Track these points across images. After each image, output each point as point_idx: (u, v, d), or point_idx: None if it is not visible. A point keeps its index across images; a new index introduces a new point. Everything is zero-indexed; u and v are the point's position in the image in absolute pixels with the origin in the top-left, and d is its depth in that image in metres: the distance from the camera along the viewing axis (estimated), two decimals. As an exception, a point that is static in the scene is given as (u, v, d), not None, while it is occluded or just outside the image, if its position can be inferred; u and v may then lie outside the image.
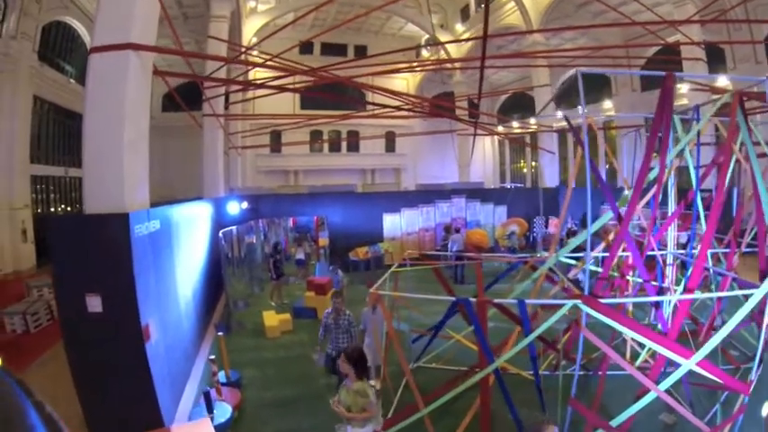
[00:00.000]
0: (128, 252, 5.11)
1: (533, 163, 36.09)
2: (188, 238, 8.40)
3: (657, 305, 6.99)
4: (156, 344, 5.76)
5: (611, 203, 6.28)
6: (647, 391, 4.94)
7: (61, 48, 20.73)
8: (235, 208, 13.41)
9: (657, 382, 4.90)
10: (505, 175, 40.76)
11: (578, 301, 5.16)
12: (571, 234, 17.55)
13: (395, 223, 16.88)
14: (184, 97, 15.91)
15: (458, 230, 15.20)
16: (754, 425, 5.43)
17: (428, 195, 18.05)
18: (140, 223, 5.47)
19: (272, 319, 10.00)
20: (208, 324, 9.96)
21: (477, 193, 19.47)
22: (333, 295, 7.10)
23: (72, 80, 21.30)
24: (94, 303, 5.20)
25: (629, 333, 5.47)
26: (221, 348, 7.38)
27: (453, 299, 5.47)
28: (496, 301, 5.31)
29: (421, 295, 6.09)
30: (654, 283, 7.54)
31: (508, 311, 5.72)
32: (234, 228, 12.40)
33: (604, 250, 9.51)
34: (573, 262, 9.82)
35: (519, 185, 35.46)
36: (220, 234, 10.50)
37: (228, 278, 11.19)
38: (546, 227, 18.81)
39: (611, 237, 10.12)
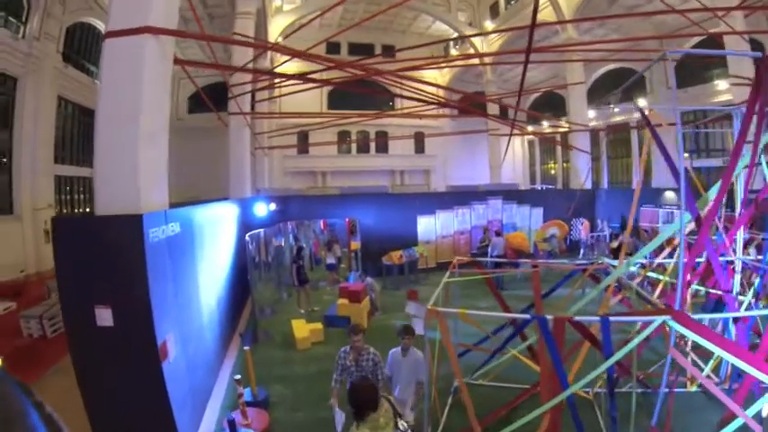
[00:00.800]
0: (141, 259, 4.44)
1: (564, 164, 35.02)
2: (212, 242, 7.75)
3: (736, 319, 6.18)
4: (174, 362, 5.09)
5: (691, 205, 5.43)
6: (732, 415, 4.16)
7: (85, 48, 20.57)
8: (262, 209, 12.79)
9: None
10: (536, 177, 39.69)
11: (667, 317, 4.35)
12: (613, 238, 16.54)
13: (429, 226, 16.05)
14: (211, 98, 15.64)
15: (498, 234, 14.29)
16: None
17: (463, 197, 17.18)
18: (156, 226, 4.80)
19: (302, 329, 9.25)
20: (232, 334, 9.32)
21: (512, 195, 18.54)
22: (349, 331, 5.30)
23: (97, 81, 21.07)
24: (104, 316, 4.56)
25: (724, 354, 4.62)
26: (248, 364, 6.68)
27: (527, 316, 4.64)
28: (577, 318, 4.48)
29: (490, 313, 5.28)
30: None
31: (581, 327, 4.88)
32: (261, 230, 11.76)
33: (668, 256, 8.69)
34: (633, 269, 8.93)
35: (550, 187, 34.39)
36: (247, 237, 9.84)
37: (255, 284, 10.51)
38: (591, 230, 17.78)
39: (676, 241, 9.21)
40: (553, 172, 38.00)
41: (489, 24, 30.93)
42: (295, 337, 9.05)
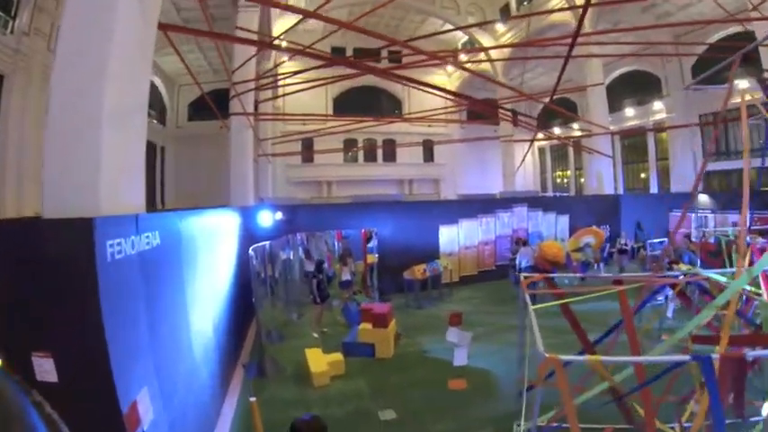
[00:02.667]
0: (90, 284, 2.93)
1: (577, 171, 33.79)
2: (207, 256, 6.24)
3: None
4: (152, 427, 3.60)
5: None
6: None
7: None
8: (267, 219, 11.28)
9: None
10: (547, 184, 38.36)
11: None
12: (622, 252, 15.08)
13: (452, 236, 14.53)
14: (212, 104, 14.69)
15: (525, 243, 12.77)
16: None
17: (487, 205, 15.64)
18: (121, 236, 3.30)
19: (318, 361, 7.58)
20: (234, 365, 7.79)
21: (537, 202, 17.07)
22: None
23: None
24: (45, 368, 3.07)
25: None
26: (255, 420, 5.09)
27: (684, 357, 3.11)
28: (752, 354, 3.01)
29: (640, 358, 3.74)
30: None
31: (742, 365, 3.37)
32: (267, 243, 10.23)
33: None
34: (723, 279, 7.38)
35: (564, 194, 33.04)
36: (251, 251, 8.30)
37: (260, 305, 8.93)
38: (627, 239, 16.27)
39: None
40: (559, 180, 36.86)
41: (500, 27, 29.69)
42: (311, 371, 7.44)
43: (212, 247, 6.71)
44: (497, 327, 10.16)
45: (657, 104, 26.21)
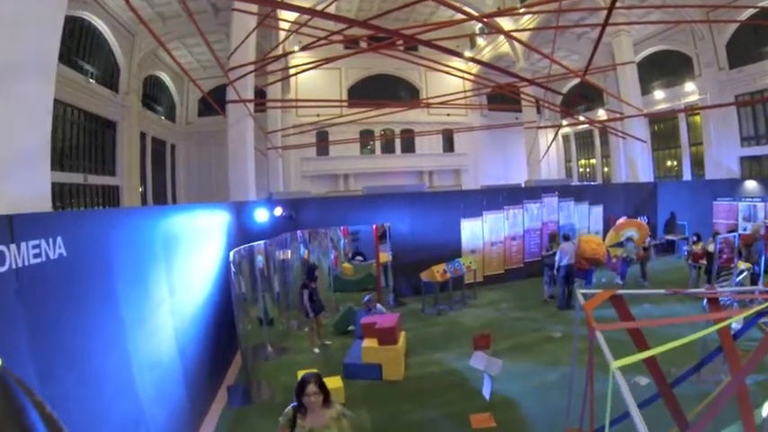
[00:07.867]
0: None
1: (604, 159, 32.10)
2: (171, 264, 4.99)
3: None
4: None
5: None
6: None
7: (81, 45, 18.49)
8: (264, 216, 10.04)
9: None
10: (572, 173, 36.68)
11: None
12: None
13: (475, 231, 13.09)
14: (220, 100, 14.36)
15: (567, 238, 11.26)
16: None
17: (514, 195, 14.06)
18: None
19: None
20: (215, 390, 6.58)
21: (568, 191, 15.56)
22: None
23: (92, 80, 19.01)
24: None
25: None
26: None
27: None
28: None
29: None
30: None
31: None
32: (261, 243, 8.93)
33: None
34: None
35: (592, 183, 31.37)
36: (232, 255, 6.98)
37: (243, 320, 7.34)
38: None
39: None
40: (582, 169, 35.11)
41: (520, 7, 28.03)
42: (303, 401, 6.10)
43: (181, 251, 5.48)
44: (529, 339, 8.73)
45: (689, 86, 24.38)
